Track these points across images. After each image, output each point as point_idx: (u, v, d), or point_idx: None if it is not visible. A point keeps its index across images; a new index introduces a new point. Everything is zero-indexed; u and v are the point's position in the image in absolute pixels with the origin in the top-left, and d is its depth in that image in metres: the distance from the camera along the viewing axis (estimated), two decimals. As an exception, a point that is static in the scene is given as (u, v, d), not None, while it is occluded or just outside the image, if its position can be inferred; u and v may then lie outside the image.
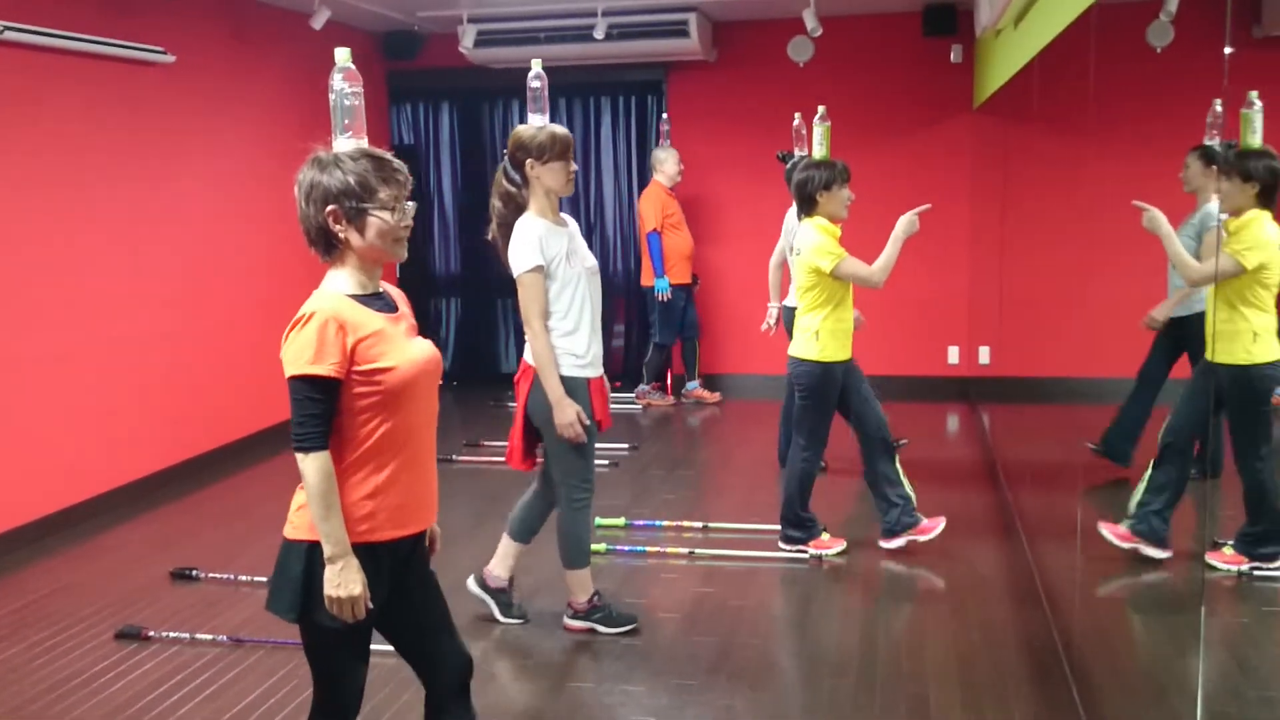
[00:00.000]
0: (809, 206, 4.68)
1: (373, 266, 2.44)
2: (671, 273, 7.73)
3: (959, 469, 6.34)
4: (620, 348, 8.68)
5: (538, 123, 3.80)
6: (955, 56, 7.78)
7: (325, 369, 2.30)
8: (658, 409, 7.99)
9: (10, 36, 4.98)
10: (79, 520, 5.49)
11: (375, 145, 2.46)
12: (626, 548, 4.96)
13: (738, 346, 8.48)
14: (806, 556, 4.84)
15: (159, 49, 5.91)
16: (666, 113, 8.12)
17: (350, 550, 2.34)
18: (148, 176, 5.99)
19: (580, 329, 3.84)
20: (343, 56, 2.41)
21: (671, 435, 7.43)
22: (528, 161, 3.77)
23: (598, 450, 4.12)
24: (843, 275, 4.56)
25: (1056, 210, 4.33)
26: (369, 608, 2.37)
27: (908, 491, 4.86)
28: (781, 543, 4.94)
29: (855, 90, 7.76)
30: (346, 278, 2.42)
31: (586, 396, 3.85)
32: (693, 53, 7.72)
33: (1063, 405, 7.13)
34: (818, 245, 4.57)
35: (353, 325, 2.34)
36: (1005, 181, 7.31)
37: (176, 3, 6.18)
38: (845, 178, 4.66)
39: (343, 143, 2.41)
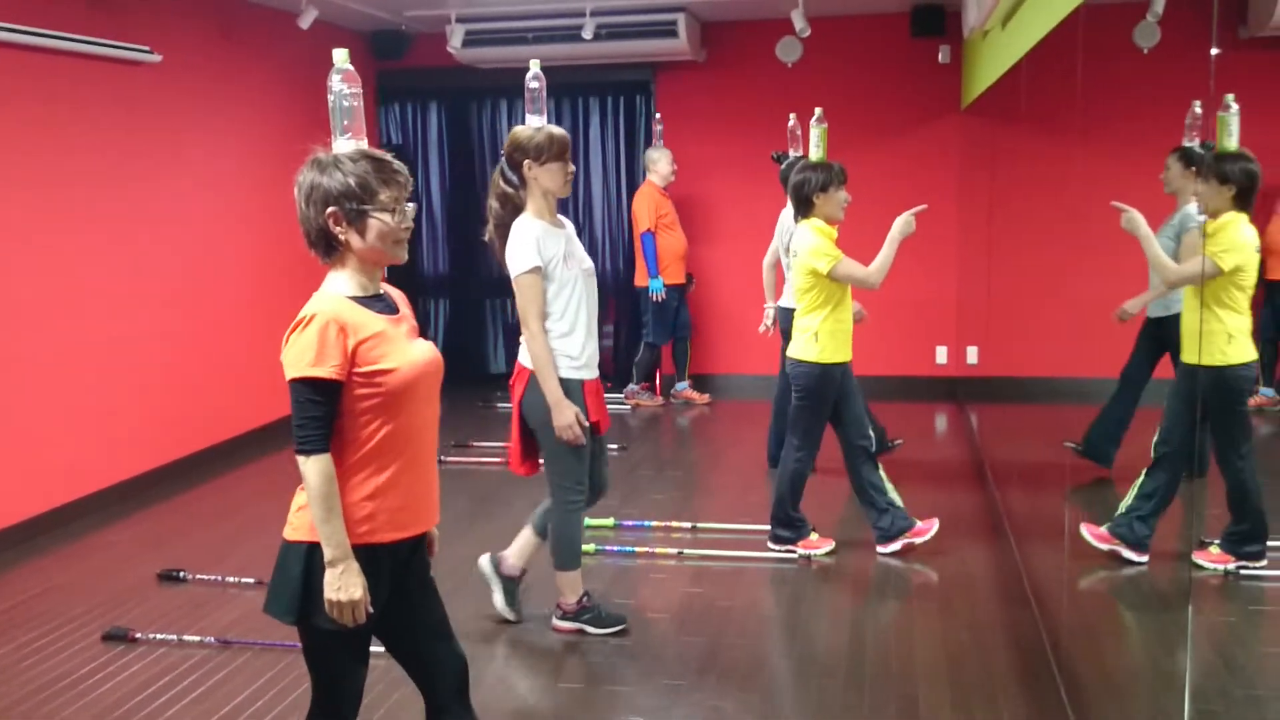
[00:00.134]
0: (806, 208, 4.68)
1: (373, 268, 2.44)
2: (665, 273, 7.73)
3: (947, 469, 6.35)
4: (609, 348, 8.68)
5: (535, 123, 3.79)
6: (943, 57, 7.80)
7: (326, 371, 2.30)
8: (646, 409, 7.99)
9: (-5, 35, 4.97)
10: (69, 520, 5.47)
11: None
12: (615, 548, 4.96)
13: (728, 347, 8.49)
14: (795, 557, 4.85)
15: (145, 48, 5.89)
16: (659, 114, 8.11)
17: (351, 553, 2.34)
18: (135, 176, 5.97)
19: (576, 331, 3.83)
20: (341, 58, 2.40)
21: (660, 436, 7.43)
22: (525, 162, 3.76)
23: (587, 451, 4.12)
24: (840, 277, 4.56)
25: (1044, 211, 4.35)
26: (369, 611, 2.36)
27: (892, 496, 4.87)
28: (770, 543, 4.94)
29: (843, 91, 7.77)
30: (347, 279, 2.42)
31: (581, 398, 3.84)
32: (681, 53, 7.72)
33: (1050, 405, 7.16)
34: (815, 247, 4.57)
35: (353, 327, 2.33)
36: (993, 182, 7.33)
37: (163, 2, 6.16)
38: (842, 180, 4.66)
39: (342, 144, 2.40)
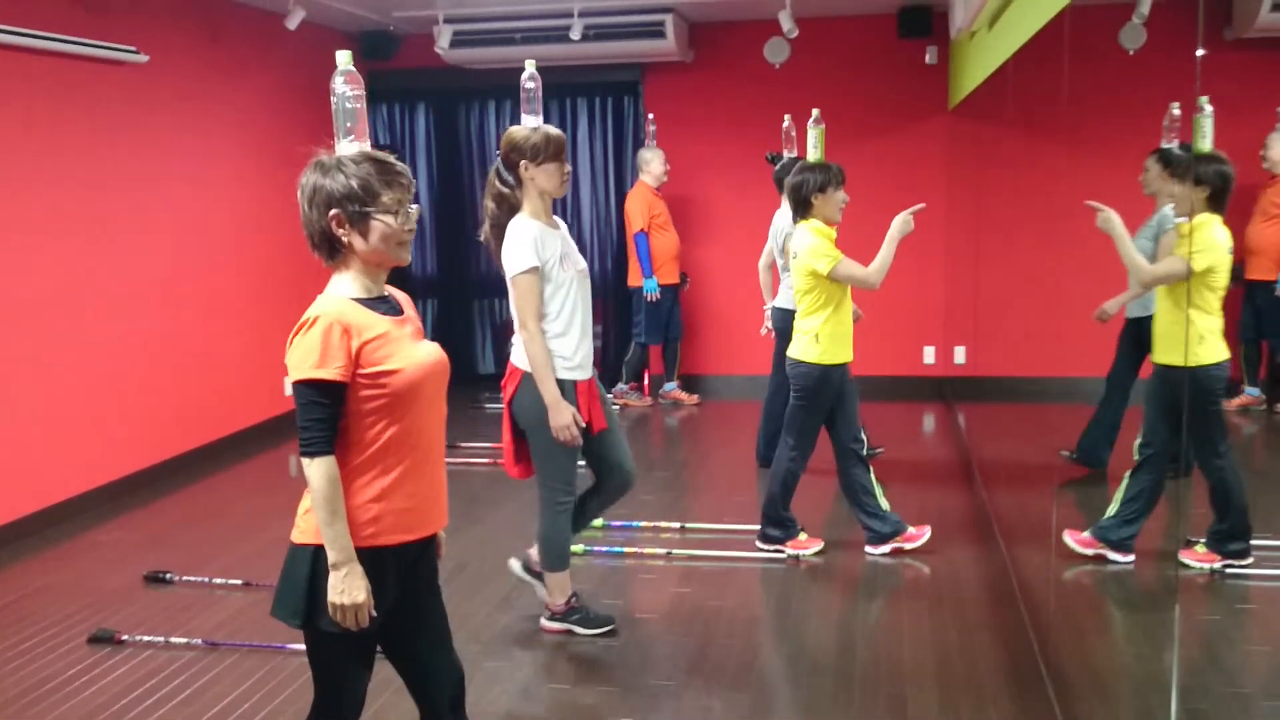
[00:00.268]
0: (804, 209, 4.67)
1: (377, 270, 2.44)
2: (659, 273, 7.73)
3: (935, 468, 6.36)
4: (598, 348, 8.68)
5: (531, 124, 3.78)
6: (930, 58, 7.82)
7: (330, 373, 2.29)
8: (635, 409, 7.99)
9: (-20, 35, 4.94)
10: (55, 522, 5.45)
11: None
12: (604, 548, 4.95)
13: (717, 347, 8.50)
14: (784, 557, 4.85)
15: (131, 49, 5.87)
16: (652, 114, 8.08)
17: (355, 557, 2.33)
18: (122, 177, 5.94)
19: (570, 331, 3.81)
20: (344, 59, 2.39)
21: (649, 436, 7.43)
22: (521, 163, 3.75)
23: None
24: (840, 278, 4.56)
25: (1031, 211, 4.36)
26: (372, 615, 2.35)
27: (880, 501, 4.88)
28: (759, 541, 4.95)
29: (831, 91, 7.77)
30: (351, 281, 2.41)
31: (574, 400, 3.83)
32: (669, 54, 7.72)
33: (1037, 404, 7.19)
34: (814, 248, 4.56)
35: (357, 328, 2.33)
36: (980, 182, 7.35)
37: (149, 2, 6.13)
38: (840, 180, 4.65)
39: (345, 146, 2.38)
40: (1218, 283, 4.13)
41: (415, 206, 2.43)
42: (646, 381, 8.19)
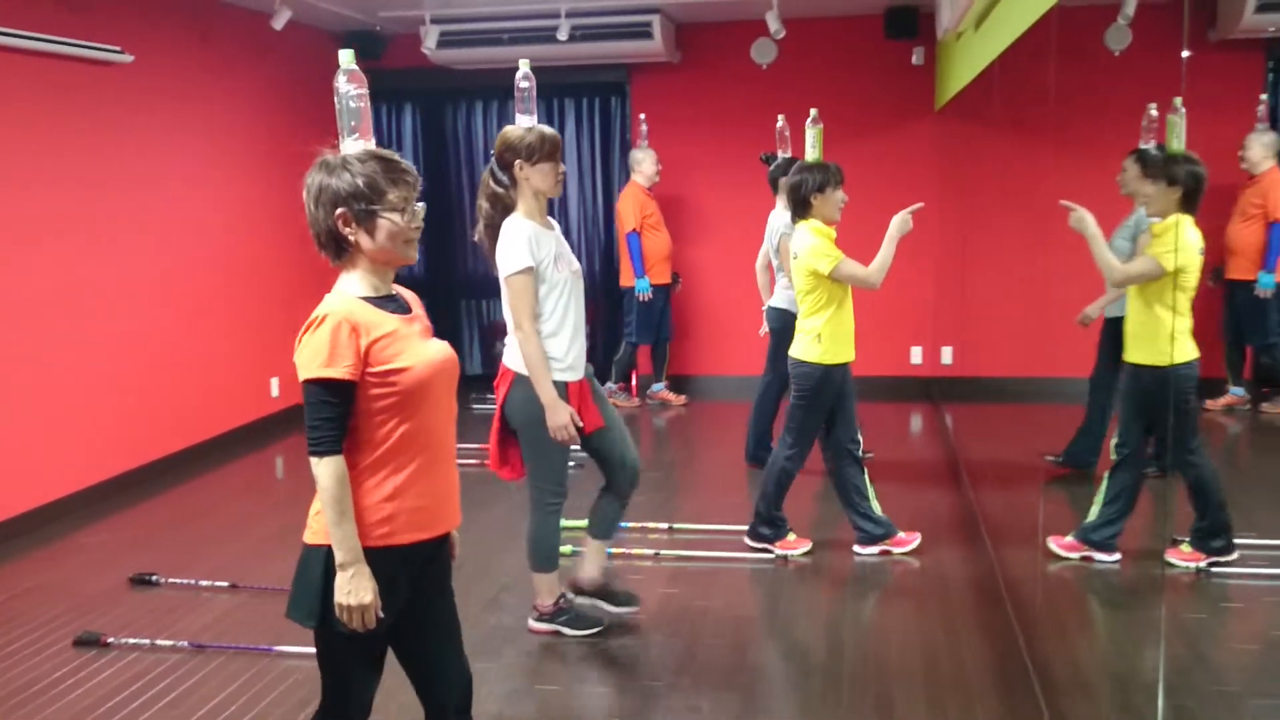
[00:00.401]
0: (803, 210, 4.66)
1: (384, 269, 2.43)
2: (651, 273, 7.72)
3: (922, 468, 6.37)
4: (587, 349, 8.66)
5: (526, 123, 3.76)
6: (917, 59, 7.83)
7: (339, 372, 2.28)
8: (623, 410, 7.99)
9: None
10: (41, 524, 5.42)
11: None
12: (592, 549, 4.95)
13: (706, 348, 8.50)
14: (772, 557, 4.85)
15: (116, 49, 5.84)
16: (643, 113, 8.07)
17: (362, 557, 2.32)
18: (108, 177, 5.91)
19: (562, 332, 3.80)
20: (346, 58, 2.39)
21: (637, 437, 7.42)
22: (516, 162, 3.73)
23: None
24: (841, 277, 4.55)
25: (1017, 212, 4.38)
26: (380, 616, 2.34)
27: (873, 503, 4.89)
28: (749, 538, 4.94)
29: (818, 92, 7.78)
30: (358, 280, 2.40)
31: (565, 401, 3.82)
32: (656, 54, 7.73)
33: (1023, 405, 7.21)
34: (814, 248, 4.56)
35: (366, 326, 2.32)
36: (967, 183, 7.38)
37: (135, 2, 6.11)
38: (839, 180, 4.65)
39: (350, 145, 2.38)
40: (1188, 282, 4.17)
41: (421, 205, 2.42)
42: (634, 382, 8.19)
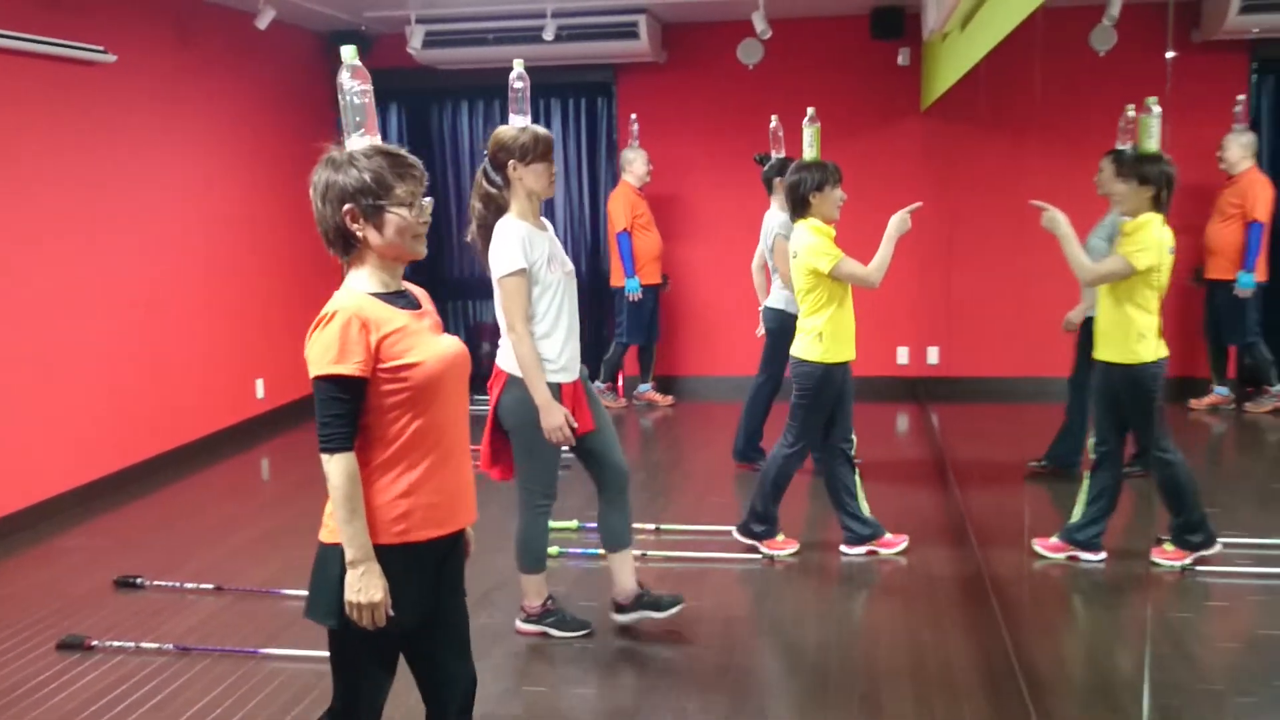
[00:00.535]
0: (802, 209, 4.66)
1: (393, 264, 2.42)
2: (641, 273, 7.71)
3: (909, 468, 6.39)
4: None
5: (519, 123, 3.75)
6: (903, 59, 7.85)
7: (349, 368, 2.28)
8: (609, 411, 7.96)
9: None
10: (24, 526, 5.39)
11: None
12: (579, 550, 4.94)
13: (694, 348, 8.50)
14: (760, 557, 4.85)
15: (100, 49, 5.80)
16: (635, 114, 8.05)
17: (373, 555, 2.31)
18: (91, 178, 5.87)
19: (555, 333, 3.78)
20: (349, 54, 2.38)
21: (624, 437, 7.41)
22: (510, 163, 3.71)
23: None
24: (841, 276, 4.55)
25: (1003, 212, 4.39)
26: (390, 614, 2.33)
27: (862, 504, 4.89)
28: (738, 533, 4.93)
29: (804, 93, 7.77)
30: (367, 277, 2.40)
31: (558, 402, 3.80)
32: (642, 54, 7.72)
33: (1010, 404, 7.23)
34: (814, 246, 4.56)
35: (376, 322, 2.31)
36: (953, 183, 7.39)
37: (118, 1, 6.07)
38: (837, 178, 4.65)
39: (356, 141, 2.37)
40: (1158, 281, 4.19)
41: (429, 199, 2.41)
42: (620, 383, 8.18)
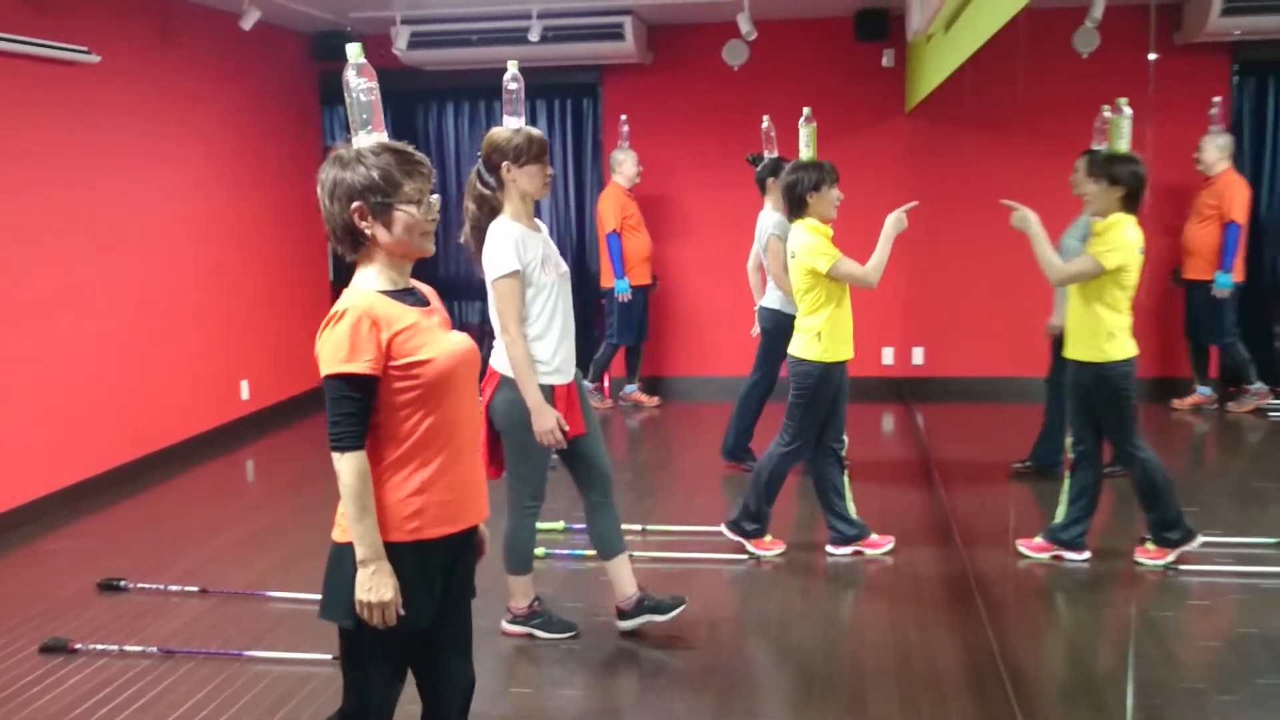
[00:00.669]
0: (799, 208, 4.67)
1: (401, 262, 2.42)
2: (631, 274, 7.71)
3: (894, 468, 6.40)
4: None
5: (513, 125, 3.74)
6: (887, 61, 7.87)
7: (360, 366, 2.27)
8: (597, 411, 7.96)
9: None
10: (8, 528, 5.36)
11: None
12: (565, 552, 4.94)
13: (682, 349, 8.50)
14: (746, 556, 4.86)
15: (83, 49, 5.78)
16: (625, 115, 8.04)
17: (383, 554, 2.31)
18: (73, 178, 5.84)
19: (548, 335, 3.78)
20: (354, 52, 2.38)
21: (610, 438, 7.41)
22: (504, 164, 3.70)
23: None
24: (839, 275, 4.56)
25: (988, 212, 4.41)
26: (401, 613, 2.33)
27: (849, 505, 4.90)
28: (727, 529, 4.93)
29: (789, 94, 7.79)
30: (376, 274, 2.40)
31: (551, 404, 3.79)
32: (628, 56, 7.72)
33: (994, 405, 7.26)
34: (812, 246, 4.56)
35: (386, 320, 2.31)
36: (938, 184, 7.41)
37: (101, 2, 6.05)
38: (834, 178, 4.66)
39: (363, 138, 2.37)
40: (1128, 281, 4.24)
41: (436, 196, 2.41)
42: (607, 384, 8.17)
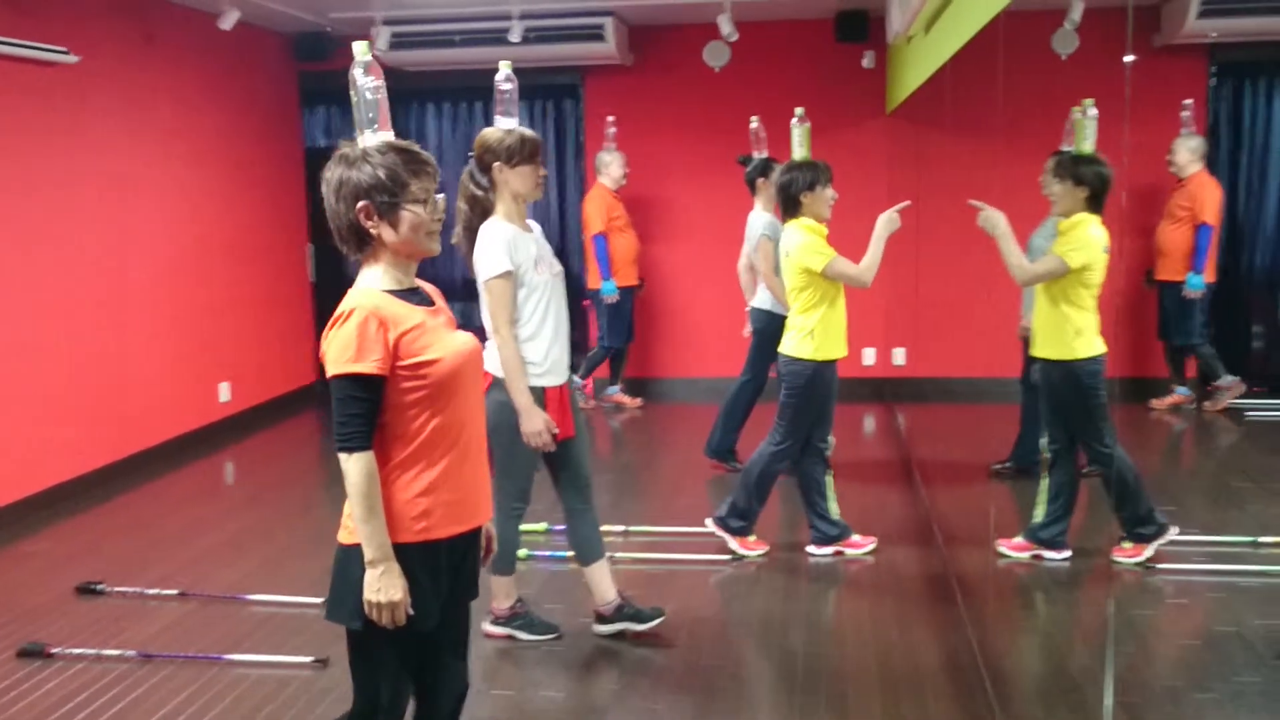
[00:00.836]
0: (794, 208, 4.67)
1: (407, 262, 2.41)
2: (618, 275, 7.70)
3: (876, 469, 6.42)
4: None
5: (506, 125, 3.73)
6: (868, 62, 7.89)
7: (368, 366, 2.27)
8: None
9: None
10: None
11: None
12: (547, 553, 4.93)
13: (666, 350, 8.50)
14: (728, 558, 4.86)
15: (62, 49, 5.74)
16: (612, 115, 8.02)
17: (392, 554, 2.31)
18: (51, 179, 5.80)
19: (540, 336, 3.76)
20: (361, 50, 2.38)
21: (592, 439, 7.41)
22: (496, 165, 3.69)
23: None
24: (833, 275, 4.56)
25: (966, 214, 4.43)
26: (409, 613, 2.33)
27: (832, 505, 4.91)
28: (713, 523, 4.93)
29: (770, 96, 7.81)
30: (382, 274, 2.39)
31: (542, 406, 3.78)
32: (609, 57, 7.72)
33: (975, 405, 7.29)
34: (806, 245, 4.57)
35: (393, 320, 2.30)
36: (918, 185, 7.43)
37: (79, 2, 6.01)
38: (828, 177, 4.67)
39: (369, 137, 2.36)
40: (1093, 280, 4.28)
41: (441, 195, 2.41)
42: (590, 384, 8.16)
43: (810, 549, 4.92)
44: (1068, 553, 4.57)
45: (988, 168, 5.78)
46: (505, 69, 3.75)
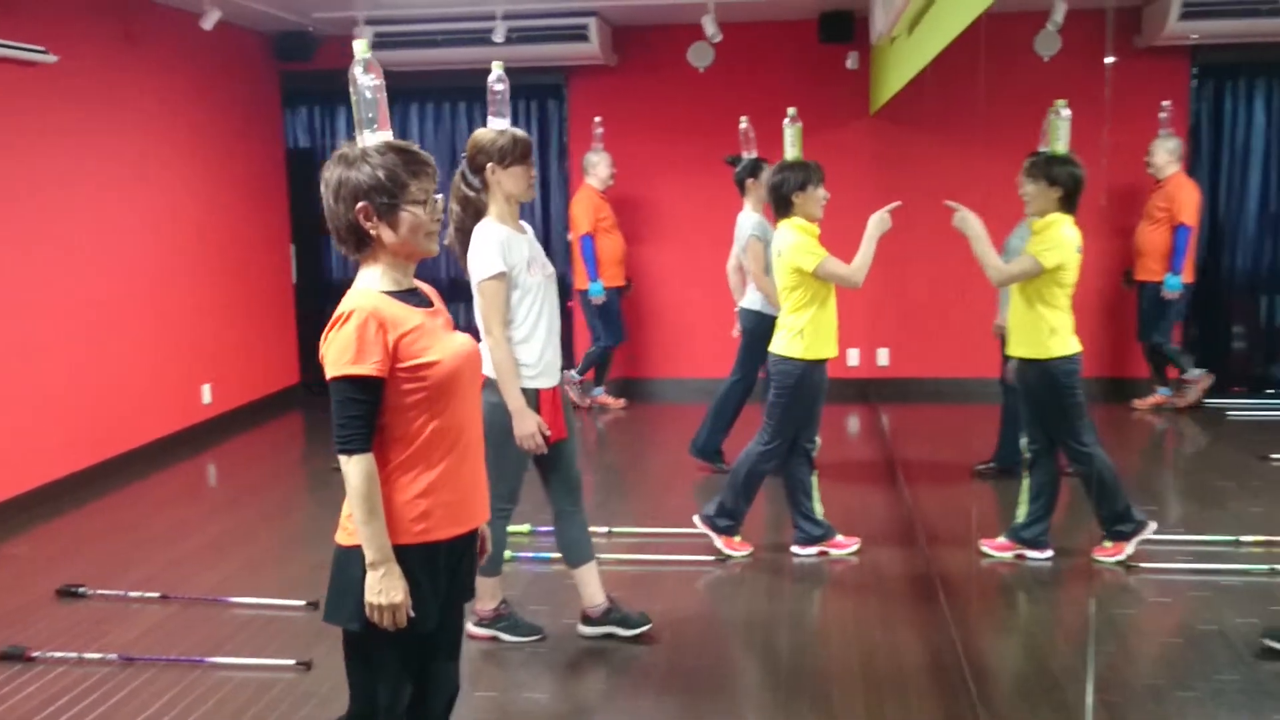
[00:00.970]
0: (785, 208, 4.67)
1: (405, 262, 2.41)
2: (606, 276, 7.69)
3: (860, 469, 6.43)
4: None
5: (498, 126, 3.72)
6: (851, 63, 7.91)
7: (367, 368, 2.26)
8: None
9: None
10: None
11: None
12: (531, 554, 4.93)
13: (651, 351, 8.50)
14: (713, 559, 4.86)
15: (40, 49, 5.70)
16: (599, 116, 7.99)
17: (393, 556, 2.30)
18: (30, 180, 5.76)
19: (533, 338, 3.75)
20: (360, 48, 2.35)
21: (578, 440, 7.39)
22: (488, 166, 3.68)
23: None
24: (824, 275, 4.55)
25: (949, 214, 4.45)
26: (410, 615, 2.32)
27: (816, 505, 4.92)
28: (700, 520, 4.93)
29: (754, 96, 7.83)
30: (381, 275, 2.38)
31: (535, 408, 3.77)
32: (593, 57, 7.72)
33: (958, 405, 7.32)
34: (798, 245, 4.57)
35: (392, 321, 2.30)
36: (902, 186, 7.45)
37: (59, 1, 5.97)
38: (820, 177, 4.67)
39: (369, 137, 2.35)
40: (1067, 279, 4.31)
41: (440, 196, 2.40)
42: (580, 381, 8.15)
43: (795, 549, 4.93)
44: (1050, 552, 4.59)
45: (970, 169, 5.80)
46: (498, 70, 3.73)
